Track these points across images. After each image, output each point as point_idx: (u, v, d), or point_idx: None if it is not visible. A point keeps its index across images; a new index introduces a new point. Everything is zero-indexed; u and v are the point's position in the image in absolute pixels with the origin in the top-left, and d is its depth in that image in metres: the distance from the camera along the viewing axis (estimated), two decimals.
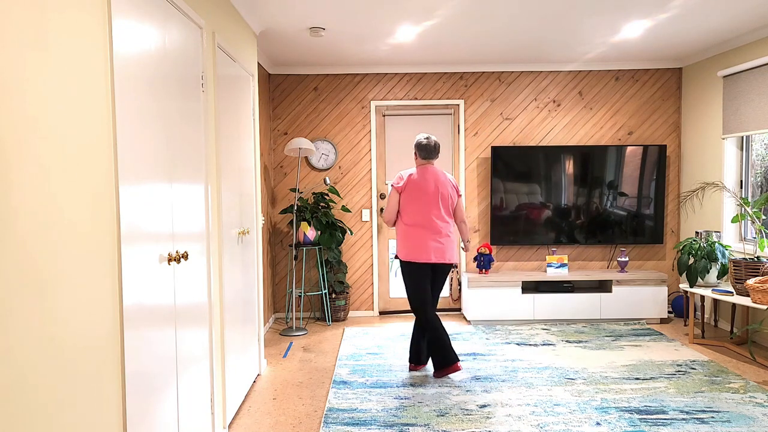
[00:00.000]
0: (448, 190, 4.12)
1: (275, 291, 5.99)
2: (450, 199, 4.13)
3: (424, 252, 4.05)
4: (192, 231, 2.72)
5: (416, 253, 4.06)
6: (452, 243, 4.14)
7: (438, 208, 4.08)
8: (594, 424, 3.27)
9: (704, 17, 4.34)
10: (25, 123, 1.47)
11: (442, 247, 4.08)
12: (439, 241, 4.07)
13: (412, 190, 4.07)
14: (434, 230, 4.06)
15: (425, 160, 4.15)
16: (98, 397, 1.82)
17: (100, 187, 1.85)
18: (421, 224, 4.06)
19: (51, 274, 1.57)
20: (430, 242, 4.05)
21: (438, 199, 4.08)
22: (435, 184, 4.09)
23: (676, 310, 5.81)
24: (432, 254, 4.05)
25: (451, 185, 4.15)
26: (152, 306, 2.24)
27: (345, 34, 4.64)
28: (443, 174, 4.16)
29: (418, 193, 4.06)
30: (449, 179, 4.17)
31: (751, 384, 3.86)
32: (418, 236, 4.06)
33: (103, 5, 1.88)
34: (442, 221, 4.09)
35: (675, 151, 6.01)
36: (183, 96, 2.62)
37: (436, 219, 4.07)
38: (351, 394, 3.80)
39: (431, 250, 4.05)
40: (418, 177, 4.09)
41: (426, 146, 4.12)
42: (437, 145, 4.15)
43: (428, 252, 4.05)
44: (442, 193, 4.09)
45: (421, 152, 4.14)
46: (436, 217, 4.07)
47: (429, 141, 4.13)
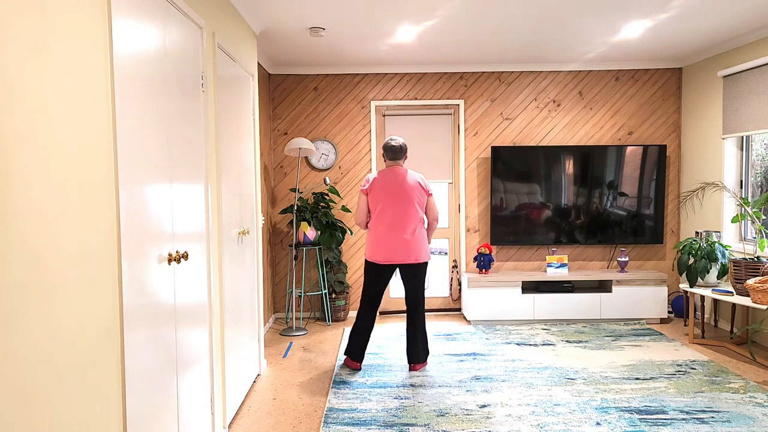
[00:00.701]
0: (414, 190, 4.14)
1: (275, 291, 5.99)
2: (417, 198, 4.14)
3: (386, 253, 4.12)
4: (192, 231, 2.72)
5: (378, 254, 4.14)
6: (419, 242, 4.15)
7: (403, 209, 4.11)
8: (594, 424, 3.27)
9: (704, 17, 4.34)
10: (26, 123, 1.47)
11: (407, 247, 4.11)
12: (402, 242, 4.11)
13: (377, 192, 4.15)
14: (399, 230, 4.11)
15: (392, 161, 4.24)
16: (98, 396, 1.82)
17: (101, 187, 1.85)
18: (386, 225, 4.12)
19: (51, 274, 1.57)
20: (394, 243, 4.11)
21: (403, 199, 4.11)
22: (400, 184, 4.13)
23: (676, 310, 5.81)
24: (395, 255, 4.11)
25: (418, 185, 4.16)
26: (152, 306, 2.24)
27: (345, 34, 4.64)
28: (411, 174, 4.19)
29: (383, 194, 4.13)
30: (417, 179, 4.18)
31: (751, 384, 3.86)
32: (382, 237, 4.13)
33: (103, 5, 1.88)
34: (408, 221, 4.12)
35: (675, 151, 6.01)
36: (183, 96, 2.62)
37: (401, 219, 4.11)
38: (351, 394, 3.80)
39: (391, 251, 4.11)
40: (384, 178, 4.16)
41: (392, 147, 4.21)
42: (403, 147, 4.22)
43: (391, 253, 4.12)
44: (407, 193, 4.12)
45: (387, 154, 4.23)
46: (402, 217, 4.11)
47: (395, 142, 4.22)
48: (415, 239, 4.14)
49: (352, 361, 4.28)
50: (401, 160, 4.24)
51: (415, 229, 4.14)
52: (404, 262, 4.14)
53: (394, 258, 4.13)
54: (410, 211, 4.12)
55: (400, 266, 4.21)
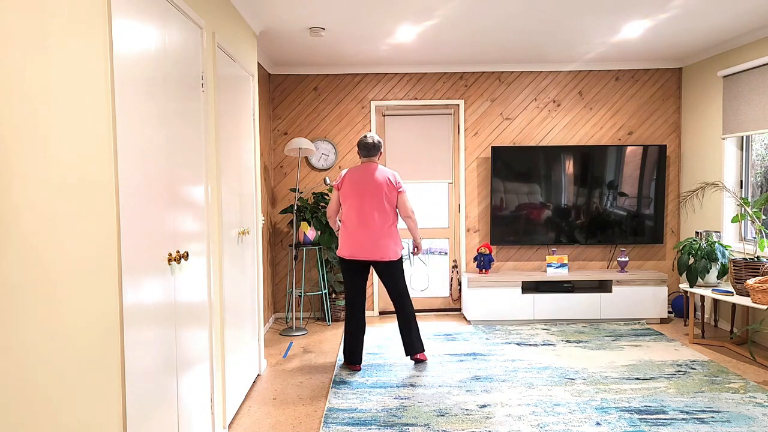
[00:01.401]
0: (384, 186, 4.13)
1: (275, 291, 5.99)
2: (386, 196, 4.13)
3: (355, 249, 4.13)
4: (192, 231, 2.72)
5: (348, 249, 4.16)
6: (388, 239, 4.13)
7: (373, 205, 4.11)
8: (594, 424, 3.27)
9: (704, 17, 4.34)
10: (26, 123, 1.47)
11: (374, 245, 4.10)
12: (370, 238, 4.10)
13: (347, 187, 4.17)
14: (368, 227, 4.11)
15: (366, 158, 4.26)
16: (98, 396, 1.82)
17: (101, 187, 1.85)
18: (355, 221, 4.14)
19: (51, 274, 1.57)
20: (362, 239, 4.11)
21: (371, 195, 4.11)
22: (370, 180, 4.13)
23: (676, 310, 5.81)
24: (361, 251, 4.11)
25: (389, 182, 4.15)
26: (152, 306, 2.24)
27: (345, 34, 4.64)
28: (381, 170, 4.18)
29: (353, 190, 4.14)
30: (388, 176, 4.17)
31: (751, 384, 3.86)
32: (351, 233, 4.15)
33: (103, 5, 1.88)
34: (378, 218, 4.11)
35: (675, 151, 6.01)
36: (183, 96, 2.62)
37: (370, 216, 4.11)
38: (351, 394, 3.80)
39: (361, 247, 4.11)
40: (355, 174, 4.18)
41: (366, 144, 4.23)
42: (377, 144, 4.24)
43: (359, 249, 4.12)
44: (376, 189, 4.12)
45: (362, 150, 4.26)
46: (371, 213, 4.11)
47: (369, 139, 4.24)
48: (382, 236, 4.11)
49: (350, 364, 4.29)
50: (375, 156, 4.26)
51: (383, 226, 4.12)
52: (370, 258, 4.13)
53: (359, 254, 4.12)
54: (378, 208, 4.11)
55: (373, 264, 4.21)
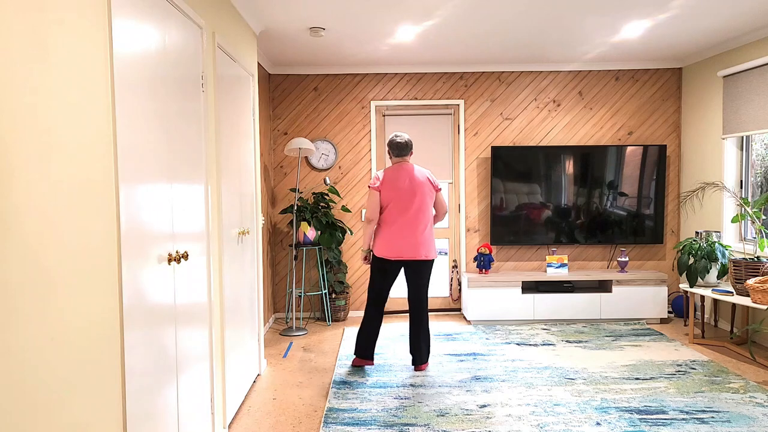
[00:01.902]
0: (423, 185, 4.14)
1: (275, 291, 5.99)
2: (426, 195, 4.15)
3: (397, 249, 4.11)
4: (192, 231, 2.72)
5: (389, 249, 4.13)
6: (429, 238, 4.16)
7: (413, 204, 4.12)
8: (594, 424, 3.27)
9: (704, 17, 4.34)
10: (26, 123, 1.47)
11: (418, 243, 4.11)
12: (415, 238, 4.11)
13: (387, 188, 4.13)
14: (410, 227, 4.11)
15: (398, 158, 4.23)
16: (98, 396, 1.82)
17: (101, 187, 1.85)
18: (396, 221, 4.12)
19: (51, 273, 1.57)
20: (404, 239, 4.10)
21: (414, 195, 4.11)
22: (409, 180, 4.13)
23: (676, 310, 5.81)
24: (403, 252, 4.11)
25: (427, 180, 4.18)
26: (152, 306, 2.24)
27: (345, 34, 4.64)
28: (419, 170, 4.20)
29: (394, 191, 4.12)
30: (426, 175, 4.20)
31: (751, 384, 3.86)
32: (393, 233, 4.12)
33: (103, 6, 1.88)
34: (419, 217, 4.12)
35: (675, 151, 6.01)
36: (183, 96, 2.62)
37: (411, 215, 4.11)
38: (351, 394, 3.80)
39: (405, 247, 4.11)
40: (393, 175, 4.16)
41: (398, 144, 4.20)
42: (409, 143, 4.22)
43: (401, 249, 4.11)
44: (417, 189, 4.12)
45: (394, 150, 4.22)
46: (412, 213, 4.11)
47: (401, 138, 4.21)
48: (426, 236, 4.14)
49: (362, 359, 4.27)
50: (407, 156, 4.24)
51: (426, 225, 4.15)
52: (414, 258, 4.12)
53: (404, 254, 4.11)
54: (421, 208, 4.13)
55: (405, 264, 4.19)
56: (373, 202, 4.18)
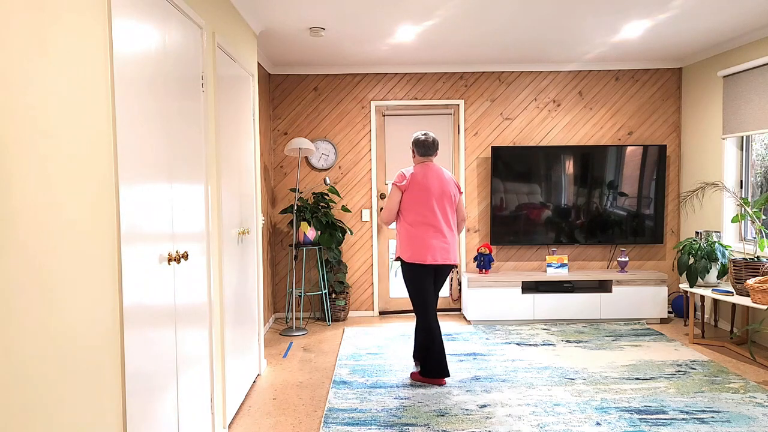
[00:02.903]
0: (450, 188, 3.98)
1: (275, 291, 5.99)
2: (453, 197, 3.99)
3: (428, 253, 3.87)
4: (192, 231, 2.72)
5: (420, 254, 3.88)
6: (455, 243, 4.00)
7: (443, 207, 3.92)
8: (594, 424, 3.27)
9: (704, 17, 4.34)
10: (26, 123, 1.47)
11: (447, 247, 3.92)
12: (444, 241, 3.90)
13: (415, 189, 3.90)
14: (439, 230, 3.90)
15: (424, 157, 4.01)
16: (98, 396, 1.82)
17: (101, 187, 1.85)
18: (425, 224, 3.89)
19: (51, 273, 1.57)
20: (434, 242, 3.88)
21: (442, 197, 3.92)
22: (438, 182, 3.94)
23: (676, 310, 5.81)
24: (437, 255, 3.88)
25: (453, 183, 4.02)
26: (152, 306, 2.24)
27: (345, 34, 4.64)
28: (445, 171, 4.03)
29: (422, 192, 3.90)
30: (451, 176, 4.04)
31: (751, 384, 3.86)
32: (422, 237, 3.88)
33: (103, 5, 1.88)
34: (447, 220, 3.94)
35: (675, 151, 6.01)
36: (183, 96, 2.62)
37: (440, 218, 3.91)
38: (351, 394, 3.80)
39: (435, 250, 3.87)
40: (421, 175, 3.93)
41: (425, 143, 3.98)
42: (435, 141, 4.01)
43: (432, 253, 3.87)
44: (445, 191, 3.94)
45: (420, 149, 4.00)
46: (441, 216, 3.91)
47: (427, 137, 3.99)
48: (454, 239, 3.98)
49: (437, 378, 3.94)
50: (434, 155, 4.02)
51: (453, 228, 3.98)
52: (446, 262, 3.91)
53: (439, 258, 3.88)
54: (450, 209, 3.96)
55: (436, 268, 3.98)
56: (394, 202, 3.95)
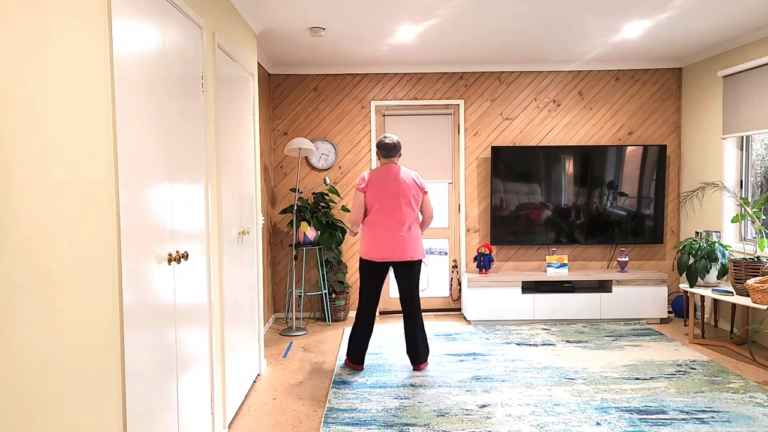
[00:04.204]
0: (410, 188, 4.16)
1: (275, 291, 5.99)
2: (413, 197, 4.17)
3: (383, 251, 4.12)
4: (192, 231, 2.72)
5: (375, 251, 4.14)
6: (415, 239, 4.17)
7: (399, 206, 4.13)
8: (594, 424, 3.27)
9: (704, 17, 4.34)
10: (26, 123, 1.47)
11: (404, 244, 4.13)
12: (401, 239, 4.12)
13: (372, 190, 4.15)
14: (396, 228, 4.12)
15: (386, 159, 4.24)
16: (98, 396, 1.82)
17: (100, 187, 1.85)
18: (380, 222, 4.13)
19: (51, 274, 1.57)
20: (391, 240, 4.12)
21: (399, 196, 4.13)
22: (396, 182, 4.15)
23: (676, 310, 5.81)
24: (389, 252, 4.12)
25: (414, 182, 4.19)
26: (152, 306, 2.24)
27: (345, 34, 4.64)
28: (406, 172, 4.21)
29: (380, 192, 4.13)
30: (413, 177, 4.21)
31: (751, 384, 3.86)
32: (379, 235, 4.13)
33: (103, 6, 1.88)
34: (405, 219, 4.14)
35: (675, 151, 6.01)
36: (183, 96, 2.62)
37: (397, 216, 4.13)
38: (351, 394, 3.80)
39: (387, 248, 4.12)
40: (379, 176, 4.17)
41: (386, 145, 4.21)
42: (397, 144, 4.22)
43: (383, 250, 4.12)
44: (403, 190, 4.14)
45: (382, 151, 4.23)
46: (398, 214, 4.13)
47: (388, 140, 4.22)
48: (411, 236, 4.16)
49: (353, 363, 4.29)
50: (395, 157, 4.25)
51: (411, 226, 4.16)
52: (400, 259, 4.14)
53: (390, 255, 4.13)
54: (406, 208, 4.15)
55: (394, 265, 4.21)
56: (357, 204, 4.20)
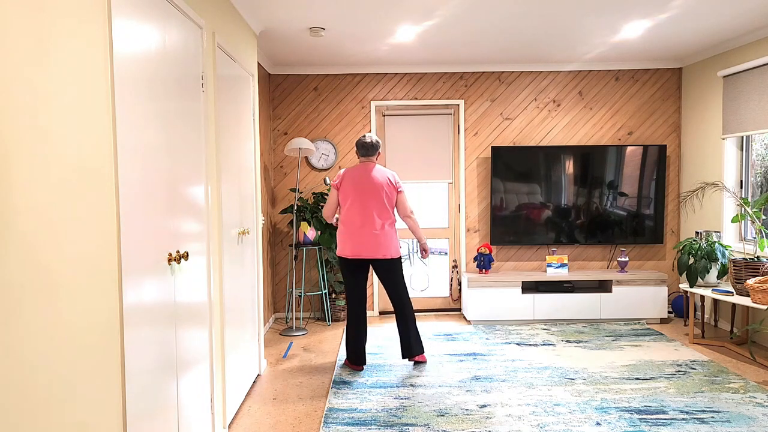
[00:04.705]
0: (384, 186, 4.19)
1: (275, 291, 5.99)
2: (386, 195, 4.19)
3: (354, 248, 4.16)
4: (192, 231, 2.72)
5: (347, 248, 4.19)
6: (388, 238, 4.18)
7: (372, 204, 4.16)
8: (594, 424, 3.27)
9: (704, 17, 4.34)
10: (26, 123, 1.47)
11: (375, 242, 4.15)
12: (372, 236, 4.15)
13: (347, 187, 4.20)
14: (367, 225, 4.15)
15: (364, 158, 4.29)
16: (98, 396, 1.82)
17: (101, 187, 1.85)
18: (354, 220, 4.17)
19: (51, 274, 1.57)
20: (361, 238, 4.16)
21: (371, 194, 4.16)
22: (369, 180, 4.18)
23: (676, 310, 5.81)
24: (362, 250, 4.15)
25: (388, 181, 4.21)
26: (152, 306, 2.24)
27: (345, 34, 4.64)
28: (381, 171, 4.25)
29: (352, 189, 4.18)
30: (388, 176, 4.24)
31: (751, 384, 3.86)
32: (350, 232, 4.18)
33: (103, 6, 1.88)
34: (377, 217, 4.16)
35: (675, 151, 6.01)
36: (183, 96, 2.62)
37: (370, 215, 4.16)
38: (351, 394, 3.80)
39: (362, 246, 4.15)
40: (354, 174, 4.22)
41: (364, 144, 4.27)
42: (376, 143, 4.28)
43: (358, 248, 4.16)
44: (376, 188, 4.17)
45: (360, 150, 4.29)
46: (370, 213, 4.16)
47: (367, 139, 4.28)
48: (383, 235, 4.17)
49: (352, 364, 4.29)
50: (374, 156, 4.29)
51: (383, 224, 4.18)
52: (371, 257, 4.16)
53: (361, 252, 4.15)
54: (378, 207, 4.17)
55: (372, 264, 4.23)
56: (329, 201, 4.30)
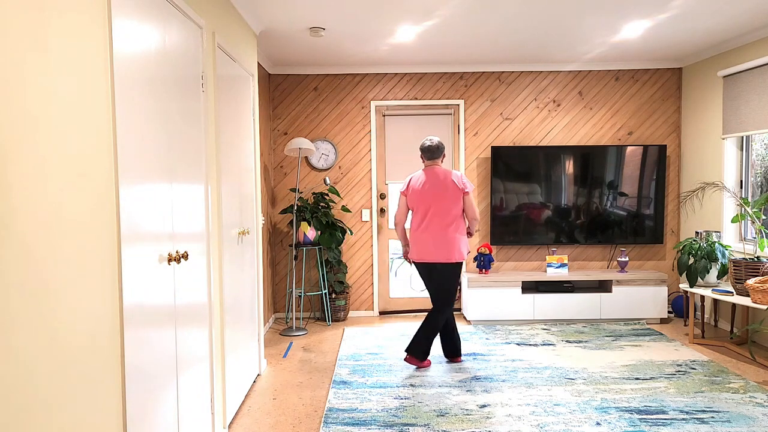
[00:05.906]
0: (449, 189, 4.20)
1: (275, 291, 5.99)
2: (450, 198, 4.19)
3: (421, 252, 4.25)
4: (192, 231, 2.72)
5: (415, 253, 4.30)
6: (455, 242, 4.19)
7: (437, 208, 4.20)
8: (594, 424, 3.27)
9: (704, 17, 4.34)
10: (26, 123, 1.47)
11: (439, 246, 4.19)
12: (433, 242, 4.20)
13: (413, 193, 4.30)
14: (434, 230, 4.20)
15: (430, 161, 4.33)
16: (98, 396, 1.82)
17: (100, 187, 1.85)
18: (419, 225, 4.26)
19: (51, 274, 1.57)
20: (426, 242, 4.23)
21: (438, 199, 4.20)
22: (435, 184, 4.22)
23: (676, 310, 5.81)
24: (424, 254, 4.23)
25: (454, 185, 4.21)
26: (152, 306, 2.24)
27: (345, 34, 4.64)
28: (447, 173, 4.25)
29: (418, 195, 4.26)
30: (453, 178, 4.23)
31: (751, 384, 3.86)
32: (419, 237, 4.26)
33: (103, 5, 1.88)
34: (443, 221, 4.19)
35: (675, 151, 6.01)
36: (183, 96, 2.62)
37: (435, 219, 4.20)
38: (351, 394, 3.80)
39: (423, 250, 4.23)
40: (419, 179, 4.29)
41: (428, 148, 4.31)
42: (440, 146, 4.32)
43: (419, 252, 4.25)
44: (443, 193, 4.20)
45: (425, 154, 4.34)
46: (436, 217, 4.20)
47: (431, 142, 4.32)
48: (448, 238, 4.19)
49: (409, 355, 4.23)
50: (439, 159, 4.33)
51: (449, 228, 4.19)
52: (437, 261, 4.21)
53: (426, 257, 4.23)
54: (445, 211, 4.19)
55: (432, 266, 4.27)
56: (399, 207, 4.40)
